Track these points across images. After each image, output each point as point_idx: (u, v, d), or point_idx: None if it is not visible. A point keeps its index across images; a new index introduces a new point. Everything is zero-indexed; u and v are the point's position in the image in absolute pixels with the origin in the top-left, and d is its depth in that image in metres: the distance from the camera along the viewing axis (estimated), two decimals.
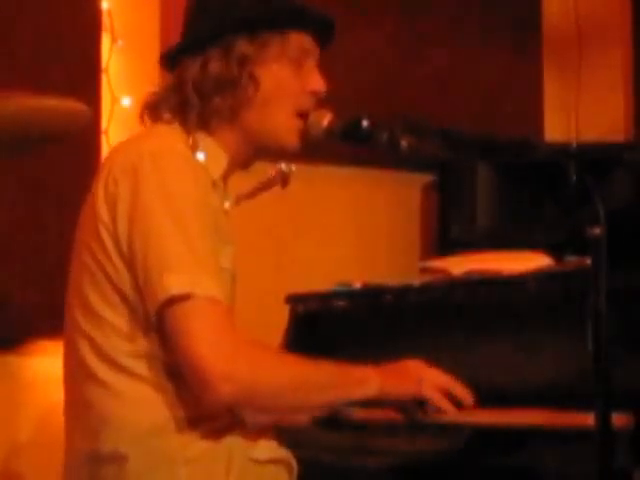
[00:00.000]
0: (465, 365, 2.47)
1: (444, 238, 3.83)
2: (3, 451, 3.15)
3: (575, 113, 4.32)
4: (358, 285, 3.02)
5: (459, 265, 2.90)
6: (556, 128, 4.33)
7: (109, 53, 3.40)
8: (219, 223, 1.94)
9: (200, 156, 1.95)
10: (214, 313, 1.81)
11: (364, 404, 2.04)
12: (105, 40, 3.39)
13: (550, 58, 4.37)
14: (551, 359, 2.39)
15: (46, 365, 3.10)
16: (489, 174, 3.70)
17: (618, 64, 4.29)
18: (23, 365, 3.19)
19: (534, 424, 2.24)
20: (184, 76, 1.99)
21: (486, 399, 2.10)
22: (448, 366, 2.05)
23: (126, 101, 3.38)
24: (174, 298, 1.79)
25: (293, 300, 3.03)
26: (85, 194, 1.96)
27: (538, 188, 3.36)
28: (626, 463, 2.05)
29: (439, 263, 3.06)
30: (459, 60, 4.11)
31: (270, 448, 1.94)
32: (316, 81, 2.03)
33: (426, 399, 2.00)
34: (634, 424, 2.10)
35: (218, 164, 1.99)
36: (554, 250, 2.79)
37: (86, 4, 3.35)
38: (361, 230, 3.91)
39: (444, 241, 3.82)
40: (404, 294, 2.81)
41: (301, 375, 1.89)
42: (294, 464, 1.97)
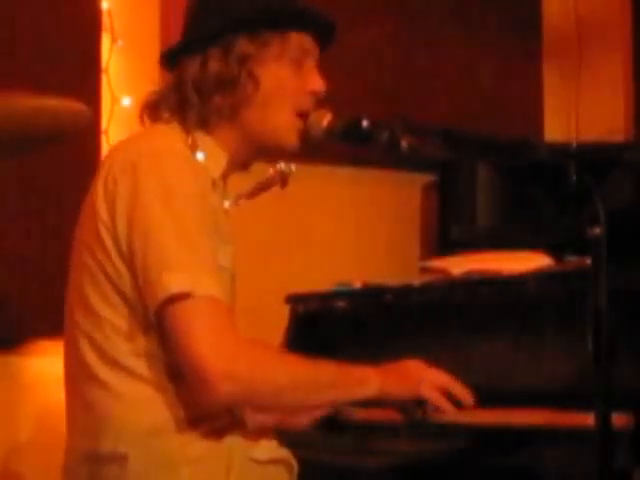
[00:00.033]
0: (465, 365, 2.47)
1: (444, 238, 3.83)
2: (3, 451, 3.15)
3: (575, 113, 4.32)
4: (358, 285, 3.02)
5: (459, 265, 2.90)
6: (556, 128, 4.33)
7: (109, 53, 3.40)
8: (219, 222, 1.94)
9: (200, 156, 1.95)
10: (214, 312, 1.81)
11: (364, 404, 2.04)
12: (105, 40, 3.39)
13: (550, 58, 4.37)
14: (551, 359, 2.39)
15: (46, 365, 3.11)
16: (489, 174, 3.69)
17: (618, 64, 4.29)
18: (23, 365, 3.19)
19: (534, 424, 2.24)
20: (184, 75, 1.99)
21: (486, 399, 2.10)
22: (448, 366, 2.05)
23: (126, 101, 3.38)
24: (173, 297, 1.78)
25: (293, 300, 3.03)
26: (85, 194, 1.96)
27: (538, 188, 3.36)
28: (626, 463, 2.05)
29: (439, 263, 3.05)
30: (459, 60, 4.12)
31: (270, 448, 1.94)
32: (316, 81, 2.03)
33: (426, 399, 2.00)
34: (634, 424, 2.10)
35: (217, 163, 1.99)
36: (554, 250, 2.79)
37: (86, 4, 3.35)
38: (361, 230, 3.91)
39: (444, 241, 3.82)
40: (404, 294, 2.81)
41: (301, 374, 1.89)
42: (294, 464, 1.97)
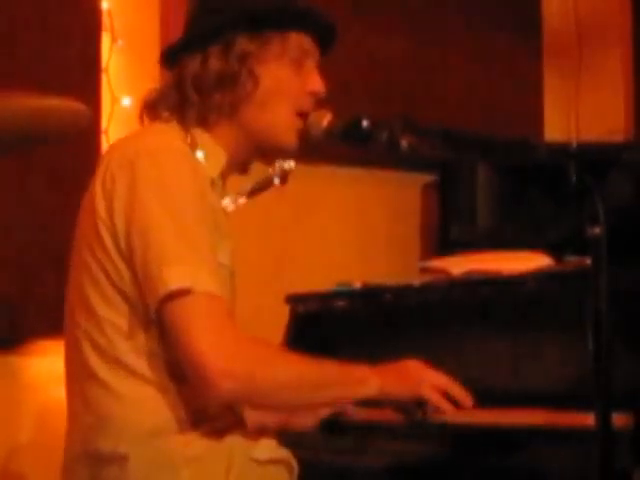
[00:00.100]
0: (465, 365, 2.47)
1: (444, 238, 3.83)
2: (3, 451, 3.15)
3: (575, 113, 4.33)
4: (358, 285, 3.02)
5: (459, 265, 2.90)
6: (556, 128, 4.34)
7: (109, 53, 3.40)
8: (218, 220, 1.94)
9: (199, 154, 1.95)
10: (214, 309, 1.80)
11: (364, 404, 2.04)
12: (105, 40, 3.40)
13: (550, 58, 4.37)
14: (551, 359, 2.39)
15: (46, 365, 3.11)
16: (489, 174, 3.70)
17: (618, 64, 4.29)
18: (23, 365, 3.19)
19: (534, 424, 2.23)
20: (184, 73, 1.99)
21: (486, 399, 2.10)
22: (448, 366, 2.05)
23: (126, 101, 3.38)
24: (173, 293, 1.78)
25: (293, 300, 3.03)
26: (85, 194, 1.96)
27: (538, 188, 3.36)
28: (626, 463, 2.05)
29: (439, 263, 3.05)
30: (459, 60, 4.12)
31: (270, 448, 1.94)
32: (315, 82, 2.03)
33: (426, 400, 2.00)
34: (634, 424, 2.10)
35: (217, 161, 1.98)
36: (554, 250, 2.79)
37: (86, 4, 3.35)
38: (361, 230, 3.91)
39: (444, 241, 3.82)
40: (404, 294, 2.81)
41: (302, 372, 1.89)
42: (294, 464, 1.97)
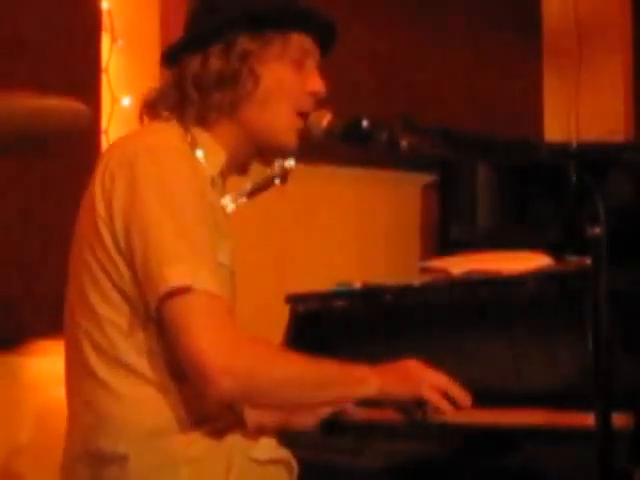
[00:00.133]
0: (465, 365, 2.47)
1: (444, 238, 3.83)
2: (3, 451, 3.15)
3: (575, 113, 4.33)
4: (358, 285, 3.02)
5: (459, 265, 2.90)
6: (556, 128, 4.34)
7: (109, 53, 3.40)
8: (217, 219, 1.94)
9: (199, 153, 1.95)
10: (213, 308, 1.80)
11: (364, 403, 2.04)
12: (105, 40, 3.40)
13: (550, 58, 4.37)
14: (551, 359, 2.39)
15: (46, 365, 3.11)
16: (489, 174, 3.70)
17: (618, 64, 4.29)
18: (23, 365, 3.19)
19: (534, 424, 2.23)
20: (184, 72, 1.98)
21: (486, 399, 2.10)
22: (448, 366, 2.05)
23: (126, 101, 3.39)
24: (173, 291, 1.78)
25: (293, 300, 3.03)
26: (85, 193, 1.96)
27: (538, 188, 3.36)
28: (626, 463, 2.05)
29: (439, 263, 3.05)
30: (459, 60, 4.12)
31: (270, 448, 1.94)
32: (316, 82, 2.03)
33: (425, 400, 2.00)
34: (634, 424, 2.10)
35: (216, 160, 1.98)
36: (554, 250, 2.79)
37: (86, 4, 3.35)
38: (361, 230, 3.91)
39: (444, 241, 3.82)
40: (404, 294, 2.81)
41: (302, 371, 1.89)
42: (294, 464, 1.97)
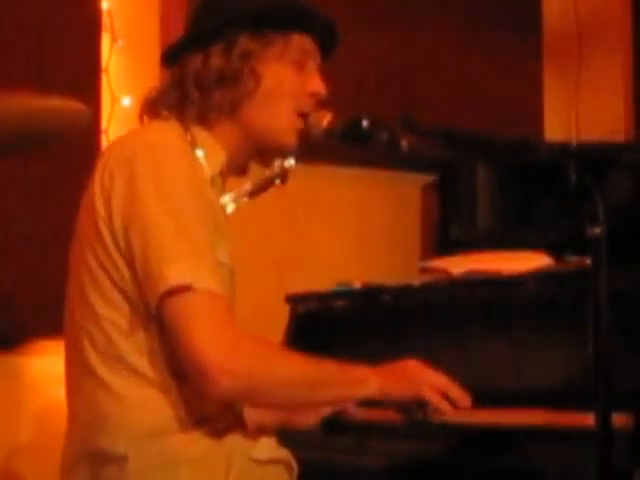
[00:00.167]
0: (465, 365, 2.47)
1: (444, 238, 3.83)
2: (3, 451, 3.15)
3: (575, 113, 4.33)
4: (358, 285, 3.02)
5: (459, 265, 2.90)
6: (556, 128, 4.33)
7: (109, 53, 3.40)
8: (217, 219, 1.94)
9: (199, 153, 1.95)
10: (213, 307, 1.80)
11: (364, 404, 2.04)
12: (105, 40, 3.40)
13: (550, 58, 4.37)
14: (551, 359, 2.39)
15: (46, 365, 3.11)
16: (489, 174, 3.69)
17: (618, 64, 4.29)
18: (23, 365, 3.19)
19: (534, 424, 2.23)
20: (185, 71, 1.98)
21: (486, 399, 2.10)
22: (448, 366, 2.05)
23: (126, 101, 3.39)
24: (173, 289, 1.78)
25: (293, 300, 3.03)
26: (85, 192, 1.96)
27: (538, 188, 3.36)
28: (626, 463, 2.05)
29: (439, 263, 3.05)
30: (459, 60, 4.12)
31: (270, 448, 1.94)
32: (316, 83, 2.04)
33: (425, 400, 2.00)
34: (634, 424, 2.10)
35: (216, 159, 1.98)
36: (554, 250, 2.79)
37: (86, 4, 3.35)
38: (361, 230, 3.91)
39: (444, 241, 3.82)
40: (404, 294, 2.81)
41: (302, 371, 1.89)
42: (294, 464, 1.97)
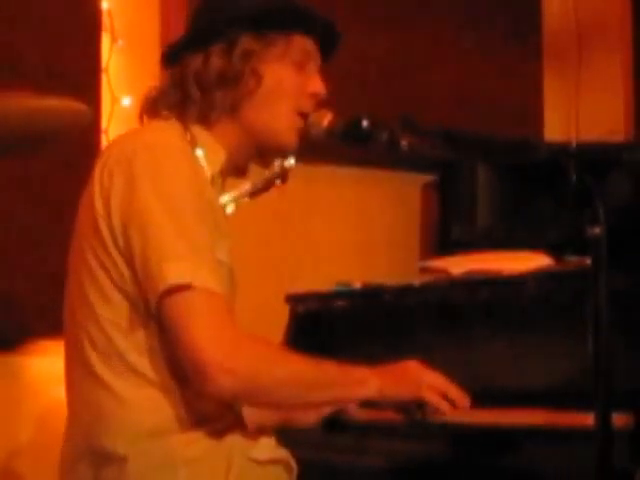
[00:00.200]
0: (465, 365, 2.47)
1: (444, 238, 3.83)
2: (3, 451, 3.15)
3: (575, 113, 4.33)
4: (358, 285, 3.02)
5: (459, 265, 2.90)
6: (556, 128, 4.33)
7: (109, 53, 3.40)
8: (217, 218, 1.94)
9: (199, 152, 1.95)
10: (213, 306, 1.80)
11: (364, 405, 2.04)
12: (105, 40, 3.40)
13: (550, 58, 4.37)
14: (551, 359, 2.38)
15: (46, 365, 3.11)
16: (489, 174, 3.70)
17: (618, 64, 4.29)
18: (23, 365, 3.19)
19: (534, 424, 2.23)
20: (186, 71, 1.98)
21: (486, 399, 2.10)
22: (448, 366, 2.05)
23: (126, 101, 3.39)
24: (173, 288, 1.78)
25: (293, 300, 3.03)
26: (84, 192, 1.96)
27: (538, 188, 3.36)
28: (626, 463, 2.05)
29: (439, 263, 3.05)
30: (459, 60, 4.12)
31: (269, 448, 1.93)
32: (317, 84, 2.04)
33: (425, 401, 2.00)
34: (634, 424, 2.10)
35: (216, 158, 1.98)
36: (554, 250, 2.79)
37: (86, 4, 3.35)
38: (361, 230, 3.91)
39: (444, 241, 3.82)
40: (404, 294, 2.81)
41: (302, 371, 1.89)
42: (293, 464, 1.97)
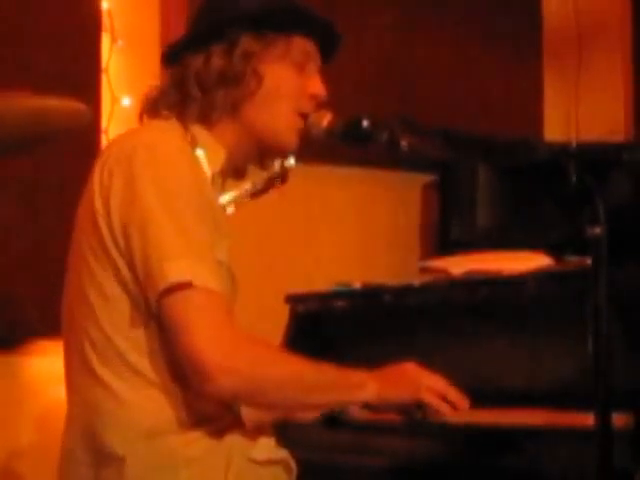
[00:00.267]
0: (465, 365, 2.47)
1: (444, 238, 3.83)
2: (3, 451, 3.15)
3: (575, 113, 4.33)
4: (358, 285, 3.02)
5: (459, 265, 2.90)
6: (556, 128, 4.33)
7: (109, 53, 3.40)
8: (217, 218, 1.94)
9: (199, 152, 1.95)
10: (213, 306, 1.80)
11: (364, 408, 2.04)
12: (105, 40, 3.40)
13: (550, 58, 4.37)
14: (551, 359, 2.38)
15: (46, 365, 3.11)
16: (489, 174, 3.70)
17: (618, 64, 4.29)
18: (23, 365, 3.19)
19: (534, 424, 2.23)
20: (186, 71, 1.98)
21: (486, 399, 2.10)
22: (448, 366, 2.05)
23: (126, 101, 3.39)
24: (173, 286, 1.78)
25: (293, 300, 3.03)
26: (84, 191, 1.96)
27: (538, 188, 3.36)
28: (626, 463, 2.05)
29: (439, 263, 3.05)
30: (459, 60, 4.12)
31: (269, 448, 1.93)
32: (317, 85, 2.04)
33: (425, 403, 2.00)
34: (634, 424, 2.10)
35: (217, 158, 1.98)
36: (554, 250, 2.79)
37: (86, 4, 3.35)
38: (361, 230, 3.91)
39: (444, 241, 3.83)
40: (404, 294, 2.81)
41: (300, 373, 1.89)
42: (293, 465, 1.97)
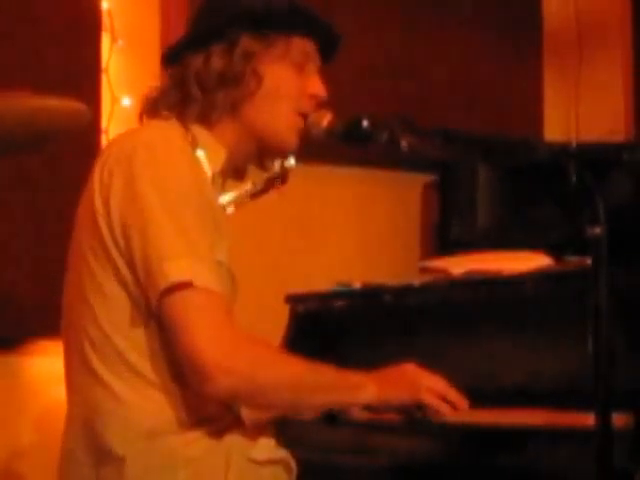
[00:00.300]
0: (465, 365, 2.47)
1: (444, 238, 3.83)
2: (3, 451, 3.15)
3: (575, 113, 4.33)
4: (358, 285, 3.02)
5: (459, 265, 2.90)
6: (556, 128, 4.33)
7: (109, 53, 3.41)
8: (216, 218, 1.94)
9: (199, 152, 1.95)
10: (213, 305, 1.80)
11: (364, 409, 2.04)
12: (105, 40, 3.40)
13: (550, 58, 4.37)
14: (551, 359, 2.38)
15: (46, 365, 3.11)
16: (489, 174, 3.70)
17: (618, 64, 4.29)
18: (23, 365, 3.19)
19: (534, 424, 2.23)
20: (187, 71, 1.99)
21: (486, 399, 2.10)
22: (447, 366, 2.05)
23: (126, 101, 3.39)
24: (174, 286, 1.78)
25: (293, 300, 3.03)
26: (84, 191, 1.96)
27: (538, 188, 3.36)
28: (626, 463, 2.05)
29: (439, 263, 3.05)
30: (459, 60, 4.12)
31: (269, 448, 1.93)
32: (317, 85, 2.04)
33: (425, 404, 2.00)
34: (634, 424, 2.10)
35: (217, 158, 1.98)
36: (554, 250, 2.79)
37: (86, 4, 3.35)
38: (361, 230, 3.91)
39: (444, 241, 3.82)
40: (404, 294, 2.81)
41: (299, 374, 1.89)
42: (293, 465, 1.97)
